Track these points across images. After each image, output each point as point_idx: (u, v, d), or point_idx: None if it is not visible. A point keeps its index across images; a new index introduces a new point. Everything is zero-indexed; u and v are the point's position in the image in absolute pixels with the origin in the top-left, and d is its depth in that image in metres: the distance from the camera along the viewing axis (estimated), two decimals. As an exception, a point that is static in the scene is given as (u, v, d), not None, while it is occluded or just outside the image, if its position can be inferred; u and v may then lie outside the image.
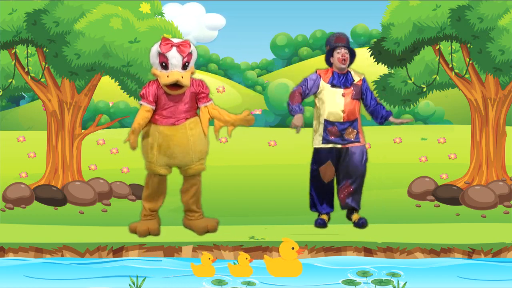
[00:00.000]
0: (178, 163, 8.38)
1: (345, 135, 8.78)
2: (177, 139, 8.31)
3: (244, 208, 10.80)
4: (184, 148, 8.34)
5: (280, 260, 7.39)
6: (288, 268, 7.33)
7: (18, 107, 24.71)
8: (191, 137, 8.35)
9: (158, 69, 8.27)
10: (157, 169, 8.36)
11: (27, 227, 9.06)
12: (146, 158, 8.41)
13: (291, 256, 7.36)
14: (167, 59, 8.20)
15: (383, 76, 11.98)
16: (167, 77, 8.18)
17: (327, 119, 8.80)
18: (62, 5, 10.73)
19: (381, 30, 11.16)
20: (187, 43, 8.29)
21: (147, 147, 8.37)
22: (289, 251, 7.36)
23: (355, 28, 27.73)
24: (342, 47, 8.85)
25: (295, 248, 7.36)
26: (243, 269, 7.39)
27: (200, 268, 7.41)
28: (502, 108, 11.34)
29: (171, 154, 8.31)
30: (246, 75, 26.53)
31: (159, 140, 8.30)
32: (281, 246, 7.41)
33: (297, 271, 7.33)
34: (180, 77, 8.16)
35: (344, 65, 8.81)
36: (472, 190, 10.83)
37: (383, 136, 9.22)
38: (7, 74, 11.75)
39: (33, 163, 12.07)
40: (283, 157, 14.43)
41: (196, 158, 8.41)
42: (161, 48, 8.21)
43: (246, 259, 7.40)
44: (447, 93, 12.51)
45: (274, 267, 7.35)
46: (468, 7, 10.66)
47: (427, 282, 7.21)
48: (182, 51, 8.22)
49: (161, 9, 11.40)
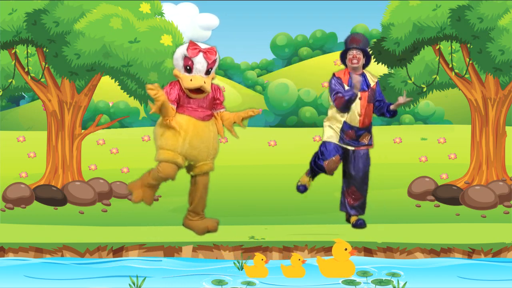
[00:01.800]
0: (197, 155, 8.38)
1: (360, 139, 8.82)
2: (203, 132, 8.37)
3: (244, 208, 10.80)
4: (206, 142, 8.40)
5: (333, 261, 7.37)
6: (341, 269, 7.31)
7: (18, 107, 24.69)
8: (212, 133, 8.44)
9: (181, 71, 8.30)
10: (177, 157, 8.31)
11: (27, 227, 9.06)
12: (166, 145, 8.33)
13: (344, 257, 7.33)
14: (192, 63, 8.25)
15: (383, 76, 11.98)
16: (190, 80, 8.23)
17: (347, 122, 8.82)
18: (62, 5, 10.73)
19: (381, 30, 11.17)
20: (214, 50, 8.34)
21: (172, 134, 8.31)
22: (342, 252, 7.34)
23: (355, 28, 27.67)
24: (354, 49, 8.83)
25: (348, 249, 7.34)
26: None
27: (253, 269, 7.39)
28: (502, 108, 11.34)
29: (194, 144, 8.32)
30: (246, 75, 26.51)
31: (187, 128, 8.28)
32: (334, 247, 7.38)
33: (350, 272, 7.31)
34: (203, 83, 8.23)
35: (355, 65, 8.81)
36: (472, 190, 10.83)
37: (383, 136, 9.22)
38: (7, 74, 11.75)
39: (33, 163, 12.07)
40: (283, 157, 14.42)
41: (211, 155, 8.50)
42: (189, 52, 8.24)
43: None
44: (447, 93, 12.51)
45: (326, 268, 7.33)
46: (468, 7, 10.66)
47: (427, 282, 7.22)
48: (208, 57, 8.27)
49: (161, 9, 11.40)
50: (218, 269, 7.59)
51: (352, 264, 7.31)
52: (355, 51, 8.84)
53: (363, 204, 8.92)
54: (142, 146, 11.58)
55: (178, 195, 8.76)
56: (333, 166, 8.81)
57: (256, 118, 22.21)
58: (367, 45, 9.00)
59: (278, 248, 8.01)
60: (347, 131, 8.79)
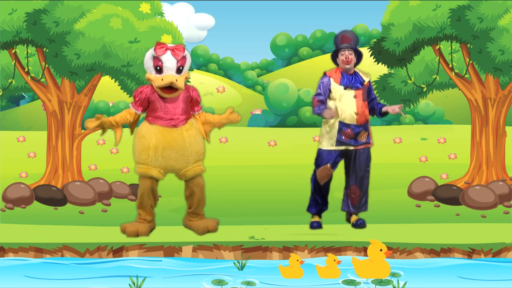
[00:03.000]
0: (174, 165, 8.33)
1: (358, 138, 8.75)
2: (174, 141, 8.29)
3: (244, 208, 10.80)
4: (180, 150, 8.31)
5: (368, 262, 7.35)
6: (376, 270, 7.29)
7: (18, 107, 24.70)
8: (187, 138, 8.35)
9: (152, 73, 8.27)
10: (151, 171, 8.29)
11: (27, 227, 9.06)
12: (140, 159, 8.33)
13: (379, 258, 7.32)
14: (161, 62, 8.20)
15: (383, 76, 11.99)
16: (161, 80, 8.18)
17: (343, 121, 8.73)
18: (62, 5, 10.73)
19: (381, 30, 11.16)
20: (182, 47, 8.30)
21: (142, 148, 8.30)
22: (377, 253, 7.32)
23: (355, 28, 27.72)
24: (346, 48, 8.76)
25: (383, 250, 7.32)
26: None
27: (289, 269, 7.37)
28: (502, 108, 11.34)
29: (167, 156, 8.28)
30: (246, 75, 26.52)
31: (155, 140, 8.27)
32: (369, 248, 7.36)
33: (385, 273, 7.30)
34: (174, 80, 8.17)
35: (348, 66, 8.75)
36: (472, 190, 10.83)
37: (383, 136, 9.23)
38: (7, 74, 11.76)
39: (33, 163, 12.07)
40: (283, 157, 14.43)
41: (192, 159, 8.38)
42: (156, 51, 8.21)
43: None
44: (447, 93, 12.52)
45: (362, 269, 7.32)
46: (468, 7, 10.66)
47: (427, 282, 7.22)
48: (176, 54, 8.22)
49: (161, 9, 11.40)
50: (218, 269, 7.59)
51: (387, 264, 7.29)
52: (347, 52, 8.72)
53: (364, 202, 8.90)
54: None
55: (178, 195, 8.76)
56: (324, 174, 8.77)
57: (256, 118, 22.24)
58: (358, 42, 8.90)
59: (278, 248, 8.00)
60: (345, 130, 8.72)
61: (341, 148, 8.76)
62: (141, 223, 8.43)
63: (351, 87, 8.75)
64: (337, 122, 8.71)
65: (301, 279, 7.34)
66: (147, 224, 8.44)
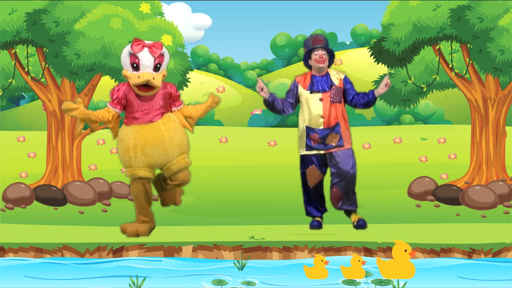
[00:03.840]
0: (157, 161, 8.21)
1: (327, 142, 8.65)
2: (152, 137, 8.14)
3: (244, 208, 10.80)
4: (161, 144, 8.17)
5: (393, 262, 7.33)
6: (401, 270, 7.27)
7: (18, 107, 24.68)
8: (166, 132, 8.18)
9: (129, 70, 8.14)
10: (137, 172, 8.18)
11: (27, 227, 9.06)
12: (124, 163, 8.23)
13: (404, 258, 7.30)
14: (138, 59, 8.08)
15: (383, 76, 11.98)
16: (138, 77, 8.08)
17: (308, 126, 8.67)
18: (62, 5, 10.74)
19: (381, 30, 11.17)
20: (159, 44, 8.18)
21: (123, 151, 8.19)
22: (401, 253, 7.30)
23: (355, 28, 27.69)
24: (319, 48, 8.68)
25: (408, 250, 7.31)
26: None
27: (313, 270, 7.34)
28: (502, 108, 11.35)
29: (148, 153, 8.16)
30: (246, 75, 26.51)
31: (133, 140, 8.17)
32: (394, 248, 7.34)
33: (410, 273, 7.27)
34: (151, 78, 8.03)
35: (322, 65, 8.66)
36: (472, 190, 10.84)
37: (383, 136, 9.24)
38: (7, 74, 11.76)
39: (33, 163, 12.07)
40: (283, 157, 14.40)
41: (176, 153, 8.24)
42: (133, 48, 8.10)
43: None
44: (447, 93, 12.52)
45: (386, 269, 7.30)
46: (468, 7, 10.66)
47: (427, 282, 7.21)
48: (153, 51, 8.09)
49: (161, 9, 11.40)
50: (218, 269, 7.58)
51: (412, 265, 7.26)
52: (321, 51, 8.65)
53: (348, 202, 8.79)
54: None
55: (178, 195, 8.75)
56: (310, 176, 8.75)
57: (256, 118, 22.25)
58: (328, 44, 8.84)
59: (278, 248, 8.00)
60: (311, 135, 8.65)
61: (312, 153, 8.69)
62: (140, 223, 8.42)
63: (317, 91, 8.67)
64: (305, 127, 8.67)
65: (301, 279, 7.33)
66: (147, 224, 8.42)
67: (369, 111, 20.44)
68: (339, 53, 23.63)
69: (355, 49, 25.85)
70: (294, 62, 27.96)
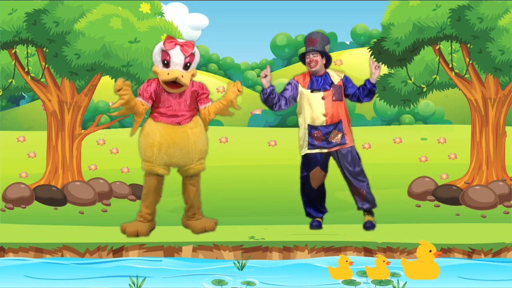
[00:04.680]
0: (178, 162, 8.35)
1: (330, 139, 8.65)
2: (178, 139, 8.28)
3: (244, 208, 10.80)
4: (185, 148, 8.31)
5: (418, 263, 7.33)
6: (426, 271, 7.27)
7: (18, 107, 24.69)
8: (192, 136, 8.33)
9: (159, 66, 8.24)
10: (156, 168, 8.31)
11: (27, 227, 9.06)
12: (145, 157, 8.35)
13: (429, 259, 7.30)
14: (169, 56, 8.17)
15: (383, 76, 11.99)
16: (167, 74, 8.16)
17: (310, 124, 8.65)
18: (62, 5, 10.74)
19: (381, 30, 11.17)
20: (191, 44, 8.27)
21: (147, 145, 8.30)
22: (426, 253, 7.30)
23: (355, 28, 27.71)
24: (310, 52, 8.68)
25: (433, 250, 7.30)
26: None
27: (338, 270, 7.34)
28: (502, 108, 11.35)
29: (171, 153, 8.28)
30: (246, 75, 26.51)
31: (160, 138, 8.27)
32: (419, 249, 7.34)
33: (435, 274, 7.27)
34: (180, 76, 8.14)
35: (314, 69, 8.67)
36: (472, 190, 10.84)
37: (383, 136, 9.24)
38: (7, 74, 11.76)
39: (33, 163, 12.07)
40: (283, 157, 14.40)
41: (196, 157, 8.39)
42: (165, 45, 8.18)
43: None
44: (447, 93, 12.52)
45: (411, 270, 7.30)
46: (468, 7, 10.66)
47: (427, 282, 7.21)
48: (185, 50, 8.19)
49: (161, 9, 11.40)
50: (218, 269, 7.58)
51: (436, 265, 7.26)
52: (311, 55, 8.67)
53: (369, 198, 8.82)
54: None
55: (178, 195, 8.76)
56: (315, 177, 8.75)
57: (256, 118, 22.25)
58: (326, 42, 8.82)
59: (278, 248, 8.00)
60: (313, 133, 8.64)
61: (315, 151, 8.67)
62: (141, 223, 8.42)
63: (318, 89, 8.68)
64: (307, 126, 8.67)
65: (301, 279, 7.34)
66: (147, 224, 8.44)
67: (369, 111, 20.44)
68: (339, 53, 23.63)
69: (355, 49, 25.85)
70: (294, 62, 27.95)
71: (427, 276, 7.22)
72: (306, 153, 8.72)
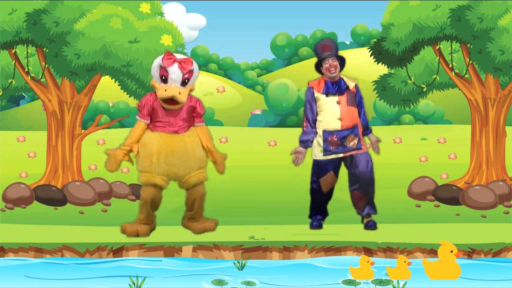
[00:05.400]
0: (177, 172, 8.27)
1: (345, 143, 8.63)
2: (176, 147, 8.23)
3: (244, 208, 10.80)
4: (184, 155, 8.27)
5: (439, 263, 7.32)
6: (447, 271, 7.26)
7: (18, 107, 24.68)
8: (190, 144, 8.30)
9: (157, 81, 8.22)
10: (154, 178, 8.23)
11: (27, 227, 9.06)
12: (143, 168, 8.27)
13: (450, 259, 7.29)
14: (167, 73, 8.14)
15: (383, 76, 11.99)
16: (164, 91, 8.13)
17: (326, 129, 8.63)
18: (62, 5, 10.74)
19: (381, 30, 11.17)
20: (190, 61, 8.23)
21: (145, 155, 8.23)
22: (447, 254, 7.29)
23: (355, 28, 27.72)
24: (328, 57, 8.67)
25: (454, 251, 7.29)
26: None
27: (359, 271, 7.33)
28: (502, 108, 11.35)
29: (170, 162, 8.22)
30: (246, 75, 26.51)
31: (158, 147, 8.22)
32: (440, 249, 7.33)
33: (456, 274, 7.26)
34: (177, 93, 8.10)
35: (334, 74, 8.67)
36: (472, 190, 10.84)
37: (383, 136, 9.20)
38: (7, 74, 11.76)
39: (33, 163, 12.08)
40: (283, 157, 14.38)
41: (195, 166, 8.34)
42: (163, 62, 8.15)
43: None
44: (447, 93, 12.53)
45: (432, 270, 7.29)
46: (468, 7, 10.67)
47: (427, 282, 7.21)
48: (183, 67, 8.16)
49: (161, 9, 11.40)
50: (218, 269, 7.58)
51: (458, 266, 7.25)
52: (331, 60, 8.64)
53: (369, 207, 8.83)
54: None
55: (178, 195, 8.75)
56: (327, 182, 8.74)
57: (256, 118, 22.25)
58: (338, 48, 8.80)
59: (278, 248, 8.00)
60: (329, 138, 8.62)
61: (331, 157, 8.64)
62: (141, 224, 8.43)
63: (333, 93, 8.67)
64: (322, 132, 8.63)
65: (301, 279, 7.33)
66: (147, 225, 8.43)
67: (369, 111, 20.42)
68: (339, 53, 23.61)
69: (355, 49, 25.85)
70: (294, 62, 27.96)
71: (448, 276, 7.21)
72: (320, 159, 8.68)
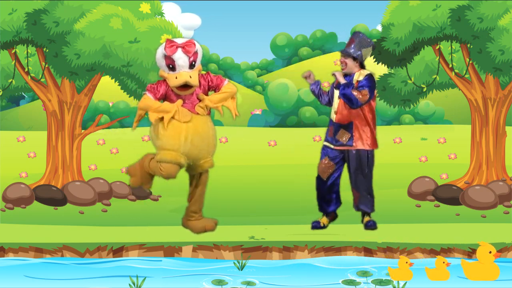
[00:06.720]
0: (198, 154, 8.25)
1: (337, 137, 8.79)
2: (203, 130, 8.23)
3: (244, 208, 10.80)
4: (207, 140, 8.28)
5: (478, 264, 7.31)
6: (486, 272, 7.25)
7: (18, 107, 24.68)
8: (212, 130, 8.33)
9: (165, 71, 8.20)
10: (180, 158, 8.17)
11: (27, 227, 9.06)
12: (169, 145, 8.16)
13: (489, 260, 7.29)
14: (173, 61, 8.13)
15: (383, 76, 11.98)
16: (175, 78, 8.13)
17: (331, 119, 8.90)
18: (62, 5, 10.74)
19: (381, 30, 11.16)
20: (192, 43, 8.22)
21: (174, 133, 8.17)
22: (486, 255, 7.29)
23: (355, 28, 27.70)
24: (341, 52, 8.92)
25: (493, 252, 7.29)
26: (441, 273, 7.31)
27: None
28: (502, 108, 11.35)
29: (195, 143, 8.19)
30: (246, 75, 26.50)
31: (186, 126, 8.20)
32: (479, 250, 7.33)
33: (495, 275, 7.26)
34: (188, 78, 8.11)
35: (344, 70, 8.87)
36: (472, 190, 10.84)
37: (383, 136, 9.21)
38: (7, 74, 11.76)
39: (33, 163, 12.07)
40: (283, 157, 14.42)
41: (211, 151, 8.38)
42: (166, 50, 8.14)
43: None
44: (447, 93, 12.52)
45: (472, 271, 7.28)
46: (468, 7, 10.66)
47: (427, 282, 7.22)
48: (187, 51, 8.15)
49: (161, 9, 11.40)
50: (218, 269, 7.59)
51: (496, 267, 7.25)
52: (342, 57, 8.92)
53: (364, 202, 8.83)
54: (142, 146, 11.58)
55: (178, 195, 8.76)
56: (321, 168, 8.82)
57: (256, 118, 22.25)
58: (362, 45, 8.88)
59: (278, 248, 8.01)
60: (329, 126, 8.90)
61: (326, 144, 8.88)
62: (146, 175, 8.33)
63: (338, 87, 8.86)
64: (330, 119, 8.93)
65: (301, 280, 7.34)
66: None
67: (369, 111, 20.39)
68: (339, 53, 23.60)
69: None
70: (294, 62, 27.95)
71: (487, 277, 7.21)
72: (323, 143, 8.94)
